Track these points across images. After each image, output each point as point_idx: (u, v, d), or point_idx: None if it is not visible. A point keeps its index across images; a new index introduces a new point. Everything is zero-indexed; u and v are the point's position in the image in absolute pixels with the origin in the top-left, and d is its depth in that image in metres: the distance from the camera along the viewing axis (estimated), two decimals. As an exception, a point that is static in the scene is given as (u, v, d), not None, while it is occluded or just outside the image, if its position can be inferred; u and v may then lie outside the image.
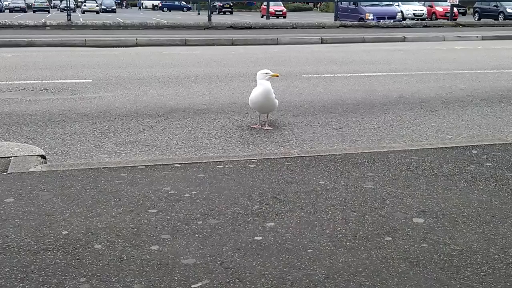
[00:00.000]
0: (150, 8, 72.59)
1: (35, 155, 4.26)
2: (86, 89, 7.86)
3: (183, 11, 62.15)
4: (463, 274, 2.45)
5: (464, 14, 40.87)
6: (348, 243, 2.75)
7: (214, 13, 34.20)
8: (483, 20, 30.45)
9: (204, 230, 2.89)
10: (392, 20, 26.00)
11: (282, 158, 4.23)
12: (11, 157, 4.16)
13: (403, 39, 17.78)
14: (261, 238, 2.80)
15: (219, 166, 3.98)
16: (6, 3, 56.75)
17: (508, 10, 32.17)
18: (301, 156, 4.27)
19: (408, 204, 3.27)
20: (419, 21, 28.21)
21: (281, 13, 42.32)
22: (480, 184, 3.66)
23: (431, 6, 34.37)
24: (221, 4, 50.58)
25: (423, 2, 34.13)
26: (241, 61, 11.50)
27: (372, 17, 26.26)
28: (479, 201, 3.35)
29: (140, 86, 8.14)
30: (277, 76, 5.49)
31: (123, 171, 3.86)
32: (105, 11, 55.99)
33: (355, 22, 24.57)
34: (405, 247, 2.71)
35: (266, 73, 5.38)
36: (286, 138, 5.27)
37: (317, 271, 2.47)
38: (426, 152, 4.40)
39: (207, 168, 3.93)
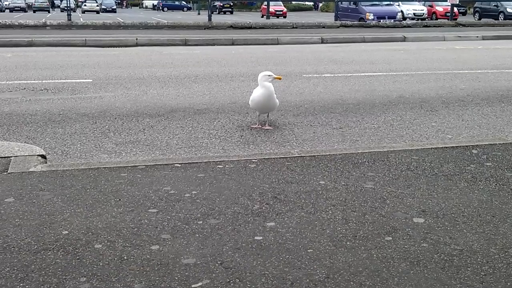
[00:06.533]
0: (150, 8, 72.63)
1: (35, 155, 4.26)
2: (86, 89, 7.87)
3: (183, 11, 62.19)
4: (463, 274, 2.45)
5: (464, 14, 40.85)
6: (348, 243, 2.75)
7: (214, 13, 34.22)
8: (483, 20, 30.44)
9: (204, 230, 2.89)
10: (392, 20, 25.98)
11: (283, 158, 4.23)
12: (11, 157, 4.16)
13: (403, 39, 17.77)
14: (261, 238, 2.80)
15: (220, 166, 3.98)
16: (6, 3, 56.78)
17: (509, 10, 32.16)
18: (301, 156, 4.27)
19: (409, 204, 3.27)
20: (419, 21, 28.20)
21: (281, 13, 42.32)
22: (481, 184, 3.65)
23: (431, 6, 34.35)
24: (221, 4, 50.60)
25: (423, 2, 34.12)
26: (242, 61, 11.49)
27: (372, 17, 26.26)
28: (479, 201, 3.35)
29: (140, 86, 8.14)
30: (280, 79, 5.46)
31: (123, 171, 3.86)
32: (105, 11, 56.04)
33: (355, 22, 24.57)
34: (406, 247, 2.71)
35: (269, 75, 5.36)
36: (286, 138, 5.26)
37: (318, 271, 2.47)
38: (426, 152, 4.40)
39: (207, 168, 3.93)
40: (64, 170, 3.88)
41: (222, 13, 49.73)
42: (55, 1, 67.42)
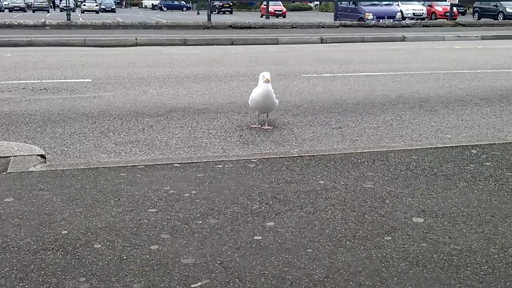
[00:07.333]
0: (150, 8, 72.60)
1: (34, 154, 4.26)
2: (85, 88, 7.86)
3: (182, 10, 62.18)
4: (462, 274, 2.46)
5: (463, 13, 40.90)
6: (347, 242, 2.75)
7: (213, 12, 34.23)
8: (482, 20, 30.46)
9: (203, 229, 2.89)
10: (391, 20, 26.01)
11: (282, 157, 4.23)
12: (10, 156, 4.16)
13: (403, 39, 17.78)
14: (260, 237, 2.80)
15: (219, 166, 3.98)
16: (6, 2, 56.73)
17: (508, 10, 32.17)
18: (301, 156, 4.27)
19: (408, 204, 3.27)
20: (419, 20, 28.18)
21: (280, 12, 42.34)
22: (480, 184, 3.66)
23: (430, 6, 34.38)
24: (221, 4, 50.59)
25: (422, 2, 34.16)
26: (241, 61, 11.49)
27: (372, 17, 26.27)
28: (478, 200, 3.35)
29: (140, 85, 8.14)
30: (268, 80, 5.38)
31: (123, 170, 3.86)
32: (104, 10, 56.02)
33: (354, 22, 24.56)
34: (405, 246, 2.71)
35: (263, 76, 5.37)
36: (286, 137, 5.27)
37: (317, 271, 2.47)
38: (425, 152, 4.41)
39: (206, 168, 3.93)
40: (64, 170, 3.87)
41: (222, 13, 49.72)
42: (55, 1, 67.46)
